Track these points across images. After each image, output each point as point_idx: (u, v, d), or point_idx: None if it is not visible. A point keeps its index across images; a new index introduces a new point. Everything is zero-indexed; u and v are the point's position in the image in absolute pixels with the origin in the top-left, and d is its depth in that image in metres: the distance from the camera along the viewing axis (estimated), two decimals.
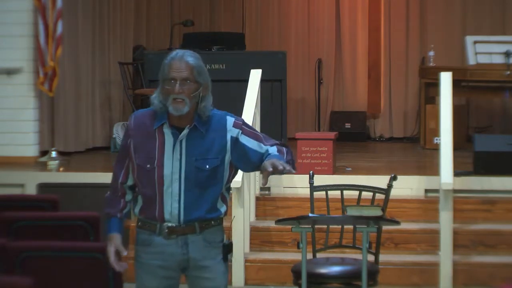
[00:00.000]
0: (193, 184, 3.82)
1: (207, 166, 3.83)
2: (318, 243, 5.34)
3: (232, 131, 3.88)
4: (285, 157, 3.84)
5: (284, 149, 3.90)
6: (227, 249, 3.93)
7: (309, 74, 11.59)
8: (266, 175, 3.72)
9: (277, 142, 3.94)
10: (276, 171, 3.69)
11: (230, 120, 3.90)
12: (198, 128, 3.84)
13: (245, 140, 3.88)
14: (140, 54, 10.54)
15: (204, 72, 3.84)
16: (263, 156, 3.87)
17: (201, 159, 3.82)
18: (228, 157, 3.88)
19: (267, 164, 3.71)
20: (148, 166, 3.82)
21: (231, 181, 3.98)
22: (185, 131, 3.82)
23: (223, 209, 3.94)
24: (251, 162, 3.90)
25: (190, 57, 3.81)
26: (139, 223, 3.95)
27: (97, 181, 7.46)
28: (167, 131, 3.84)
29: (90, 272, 3.92)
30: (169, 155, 3.82)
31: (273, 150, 3.87)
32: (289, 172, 3.74)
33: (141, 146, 3.86)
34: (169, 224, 3.85)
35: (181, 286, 4.00)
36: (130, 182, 3.95)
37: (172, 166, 3.81)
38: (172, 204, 3.82)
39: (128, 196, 3.98)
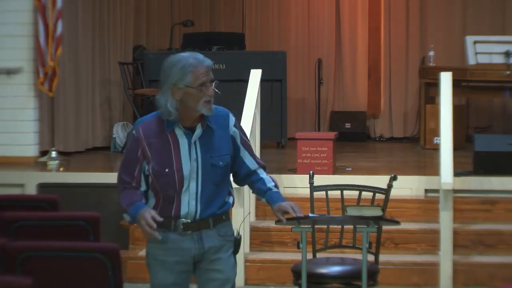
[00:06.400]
0: (209, 181, 3.94)
1: (221, 163, 3.97)
2: (318, 243, 5.34)
3: (233, 131, 4.05)
4: (279, 188, 4.16)
5: (272, 178, 4.15)
6: (239, 242, 4.08)
7: (309, 74, 11.58)
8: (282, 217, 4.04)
9: (262, 163, 4.17)
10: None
11: (232, 119, 4.06)
12: (209, 125, 3.96)
13: (242, 151, 4.09)
14: (140, 54, 10.54)
15: None
16: (252, 175, 4.10)
17: (216, 156, 3.96)
18: (231, 152, 4.05)
19: (287, 207, 4.02)
20: (167, 170, 3.91)
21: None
22: (198, 131, 3.93)
23: (230, 200, 4.08)
24: (235, 168, 4.11)
25: (207, 59, 3.94)
26: None
27: (97, 181, 7.47)
28: (179, 133, 3.93)
29: (90, 272, 3.91)
30: (186, 156, 3.93)
31: (267, 179, 4.13)
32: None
33: (156, 152, 3.93)
34: (184, 220, 3.94)
35: None
36: (143, 188, 4.01)
37: (190, 166, 3.92)
38: (190, 202, 3.94)
39: (142, 192, 4.04)
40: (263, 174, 4.13)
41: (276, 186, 4.13)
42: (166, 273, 3.98)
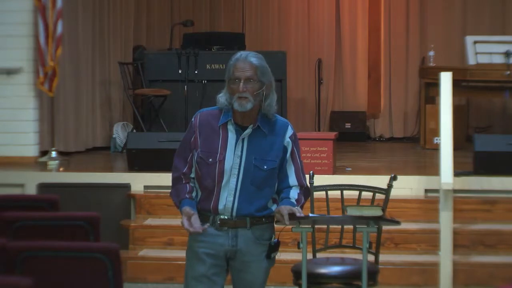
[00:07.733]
0: (249, 182, 4.03)
1: (265, 167, 4.05)
2: (318, 243, 5.34)
3: (287, 141, 4.12)
4: (299, 205, 4.13)
5: (303, 199, 4.16)
6: (273, 248, 4.16)
7: (309, 74, 11.59)
8: (281, 218, 4.05)
9: (303, 183, 4.18)
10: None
11: (290, 131, 4.14)
12: (261, 128, 4.05)
13: (289, 165, 4.14)
14: (140, 54, 10.54)
15: (267, 72, 4.10)
16: (284, 187, 4.14)
17: (260, 159, 4.05)
18: (281, 160, 4.11)
19: (284, 212, 4.02)
20: (210, 160, 4.04)
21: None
22: (248, 130, 4.05)
23: (273, 207, 4.14)
24: (278, 179, 4.13)
25: (253, 57, 4.08)
26: None
27: (97, 181, 7.46)
28: (231, 128, 4.06)
29: (90, 272, 3.91)
30: (231, 150, 4.04)
31: (294, 192, 4.13)
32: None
33: (205, 141, 4.07)
34: (222, 216, 4.05)
35: None
36: (193, 174, 4.14)
37: (233, 161, 4.03)
38: (228, 198, 4.04)
39: (193, 184, 4.16)
40: (296, 189, 4.16)
41: (297, 200, 4.13)
42: (198, 263, 4.10)
